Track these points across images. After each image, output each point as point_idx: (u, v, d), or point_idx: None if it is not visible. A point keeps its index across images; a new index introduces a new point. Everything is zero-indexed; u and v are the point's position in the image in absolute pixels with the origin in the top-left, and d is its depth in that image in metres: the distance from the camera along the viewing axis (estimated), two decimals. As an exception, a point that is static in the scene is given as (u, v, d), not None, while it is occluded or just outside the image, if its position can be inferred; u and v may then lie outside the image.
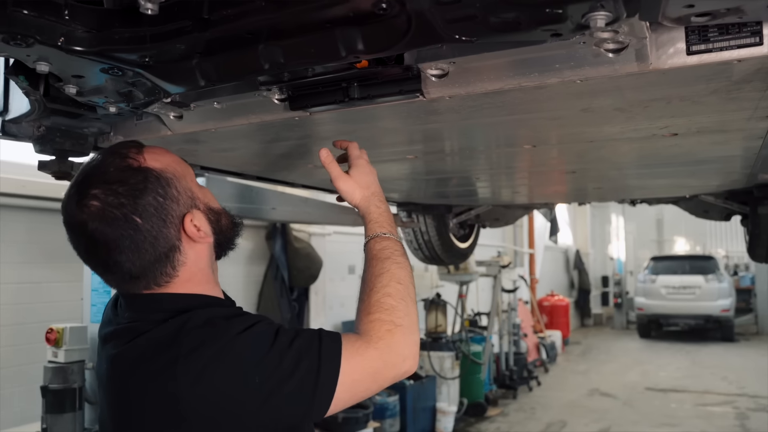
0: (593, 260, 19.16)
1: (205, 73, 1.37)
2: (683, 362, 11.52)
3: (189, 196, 1.24)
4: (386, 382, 1.20)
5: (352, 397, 1.16)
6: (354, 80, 1.52)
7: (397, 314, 1.21)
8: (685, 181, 3.33)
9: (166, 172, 1.21)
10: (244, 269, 6.20)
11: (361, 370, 1.15)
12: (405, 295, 1.25)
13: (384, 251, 1.33)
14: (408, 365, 1.20)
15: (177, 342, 1.10)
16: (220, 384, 1.07)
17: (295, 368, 1.09)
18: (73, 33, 1.28)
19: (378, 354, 1.16)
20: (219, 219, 1.30)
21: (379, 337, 1.17)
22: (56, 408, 3.08)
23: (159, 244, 1.17)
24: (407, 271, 1.31)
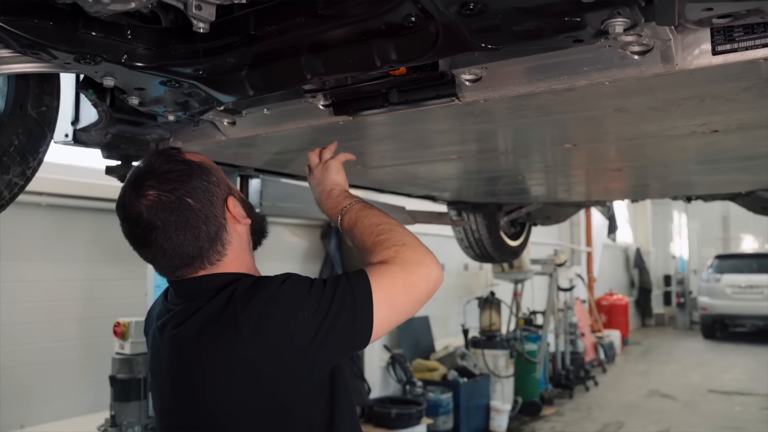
0: (654, 258, 18.66)
1: (253, 84, 1.48)
2: (749, 364, 11.13)
3: (226, 184, 1.40)
4: (421, 293, 1.28)
5: (394, 311, 1.25)
6: (393, 86, 1.60)
7: (395, 239, 1.32)
8: (739, 177, 3.27)
9: (205, 163, 1.39)
10: (300, 267, 6.36)
11: (390, 283, 1.25)
12: (390, 228, 1.35)
13: (351, 220, 1.44)
14: (432, 270, 1.28)
15: (231, 304, 1.23)
16: (276, 324, 1.20)
17: (332, 299, 1.21)
18: (135, 50, 1.42)
19: (399, 267, 1.27)
20: (251, 208, 1.45)
21: (391, 257, 1.29)
22: (123, 396, 3.28)
23: (210, 223, 1.32)
24: (378, 213, 1.41)
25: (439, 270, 1.30)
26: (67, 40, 1.32)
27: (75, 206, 4.40)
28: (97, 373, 4.23)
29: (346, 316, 1.21)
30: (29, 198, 3.99)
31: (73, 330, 4.34)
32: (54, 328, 4.23)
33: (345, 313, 1.21)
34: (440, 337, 7.97)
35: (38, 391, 4.09)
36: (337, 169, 1.61)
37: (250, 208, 1.44)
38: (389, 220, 1.39)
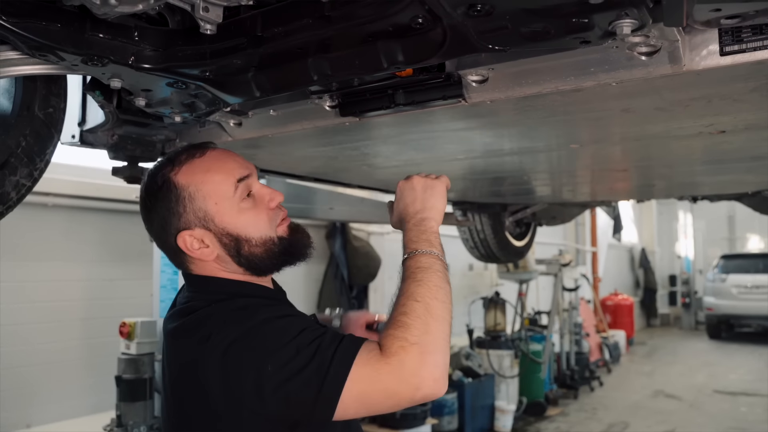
0: (660, 259, 18.61)
1: (260, 85, 1.48)
2: (755, 365, 11.08)
3: (199, 216, 1.29)
4: (403, 402, 1.12)
5: (363, 408, 1.14)
6: (399, 87, 1.60)
7: (414, 330, 1.12)
8: (745, 178, 3.27)
9: (185, 189, 1.30)
10: (304, 267, 6.36)
11: (369, 382, 1.10)
12: (423, 314, 1.15)
13: (407, 270, 1.26)
14: (427, 387, 1.10)
15: (212, 320, 1.21)
16: (240, 363, 1.13)
17: (306, 365, 1.10)
18: (142, 52, 1.42)
19: (389, 369, 1.10)
20: (238, 244, 1.31)
21: (392, 353, 1.11)
22: (129, 397, 3.29)
23: (167, 243, 1.33)
24: (428, 288, 1.20)
25: (434, 386, 1.10)
26: (74, 42, 1.32)
27: (81, 207, 4.41)
28: (102, 373, 4.25)
29: (308, 392, 1.10)
30: (36, 198, 4.00)
31: (79, 330, 4.35)
32: (60, 328, 4.24)
33: (309, 390, 1.10)
34: (445, 337, 7.95)
35: (44, 390, 4.11)
36: (441, 194, 1.41)
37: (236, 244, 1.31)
38: (427, 303, 1.17)
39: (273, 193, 1.37)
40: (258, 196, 1.35)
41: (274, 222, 1.36)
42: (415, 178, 1.44)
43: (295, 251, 1.39)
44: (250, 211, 1.32)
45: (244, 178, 1.33)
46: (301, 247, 1.40)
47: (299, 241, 1.40)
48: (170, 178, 1.30)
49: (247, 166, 1.37)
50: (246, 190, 1.33)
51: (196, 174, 1.30)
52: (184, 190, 1.29)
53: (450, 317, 1.20)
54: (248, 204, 1.33)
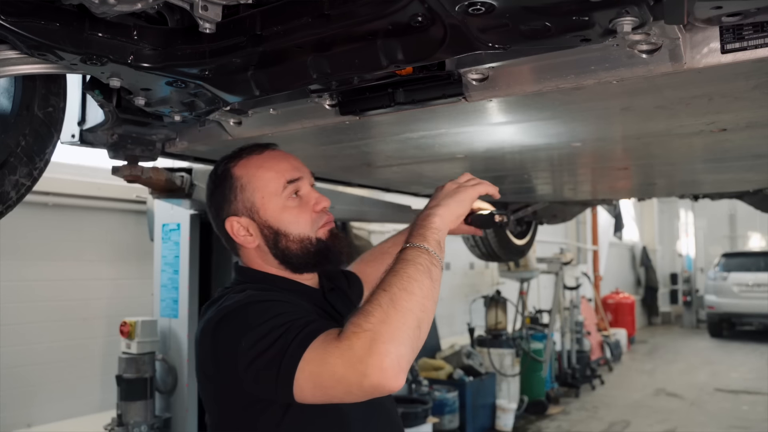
0: (661, 257, 18.59)
1: (259, 84, 1.48)
2: (757, 363, 11.07)
3: (247, 206, 1.44)
4: (353, 388, 1.09)
5: (318, 391, 1.13)
6: (399, 86, 1.60)
7: (370, 320, 1.11)
8: (747, 176, 3.26)
9: (239, 180, 1.45)
10: (305, 267, 6.36)
11: (319, 363, 1.10)
12: (385, 303, 1.14)
13: (392, 262, 1.27)
14: (374, 376, 1.06)
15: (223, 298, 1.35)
16: (222, 338, 1.25)
17: (271, 345, 1.15)
18: (141, 51, 1.42)
19: (339, 353, 1.09)
20: (277, 238, 1.42)
21: (344, 338, 1.10)
22: (129, 396, 3.30)
23: (220, 226, 1.48)
24: (402, 279, 1.19)
25: (381, 376, 1.06)
26: (73, 41, 1.32)
27: (82, 206, 4.41)
28: (103, 372, 4.25)
29: (271, 371, 1.14)
30: (36, 198, 4.00)
31: (80, 329, 4.35)
32: (61, 328, 4.24)
33: (271, 369, 1.14)
34: (446, 336, 7.96)
35: (45, 390, 4.11)
36: (462, 201, 1.43)
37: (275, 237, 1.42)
38: (393, 294, 1.15)
39: (320, 198, 1.46)
40: (305, 198, 1.45)
41: (316, 224, 1.44)
42: (450, 182, 1.50)
43: (329, 255, 1.45)
44: (293, 210, 1.43)
45: (294, 180, 1.44)
46: (336, 253, 1.46)
47: (335, 246, 1.46)
48: (229, 168, 1.47)
49: (300, 169, 1.49)
50: (293, 190, 1.44)
51: (250, 168, 1.45)
52: (237, 181, 1.44)
53: (421, 311, 1.16)
54: (294, 203, 1.44)
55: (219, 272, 3.74)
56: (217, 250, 3.75)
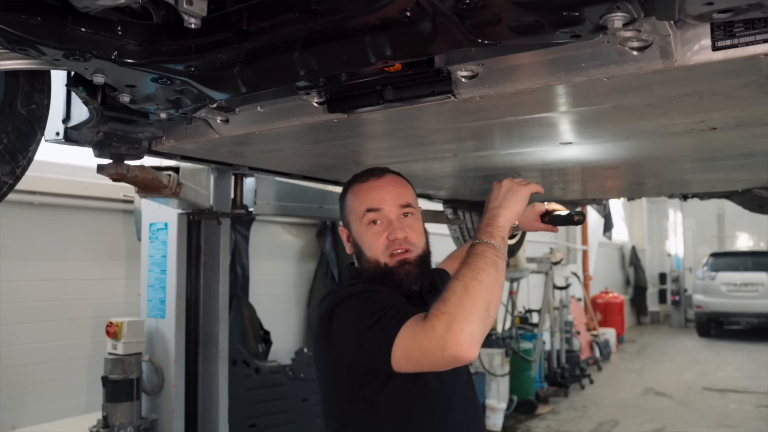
0: (650, 257, 18.67)
1: (246, 81, 1.46)
2: (744, 362, 11.13)
3: (347, 221, 1.72)
4: (437, 359, 1.35)
5: (410, 362, 1.38)
6: (388, 83, 1.58)
7: (448, 305, 1.35)
8: (736, 175, 3.27)
9: (346, 199, 1.72)
10: (295, 266, 6.34)
11: (411, 340, 1.36)
12: (459, 290, 1.37)
13: (465, 257, 1.48)
14: (452, 349, 1.31)
15: (339, 292, 1.61)
16: (341, 318, 1.52)
17: (375, 323, 1.42)
18: (126, 47, 1.39)
19: (424, 331, 1.34)
20: (359, 254, 1.68)
21: (428, 320, 1.35)
22: (115, 397, 3.25)
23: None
24: (473, 270, 1.42)
25: (457, 348, 1.31)
26: (55, 36, 1.29)
27: (68, 205, 4.36)
28: (90, 373, 4.21)
29: (373, 343, 1.41)
30: (22, 197, 3.95)
31: (66, 330, 4.30)
32: (47, 328, 4.19)
33: (374, 341, 1.41)
34: (436, 335, 7.93)
35: (30, 391, 4.06)
36: (521, 199, 1.61)
37: (358, 249, 1.68)
38: (466, 282, 1.39)
39: (396, 229, 1.63)
40: (384, 225, 1.64)
41: (387, 250, 1.63)
42: (505, 180, 1.66)
43: (393, 279, 1.63)
44: (371, 234, 1.64)
45: (373, 209, 1.64)
46: (399, 280, 1.63)
47: (396, 274, 1.63)
48: (348, 186, 1.74)
49: (385, 200, 1.65)
50: (371, 219, 1.65)
51: (352, 191, 1.71)
52: (346, 200, 1.72)
53: (489, 295, 1.39)
54: (375, 229, 1.65)
55: (207, 272, 3.70)
56: (206, 251, 3.71)
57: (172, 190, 2.75)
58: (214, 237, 3.64)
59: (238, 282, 5.45)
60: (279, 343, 5.74)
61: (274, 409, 5.07)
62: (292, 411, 5.21)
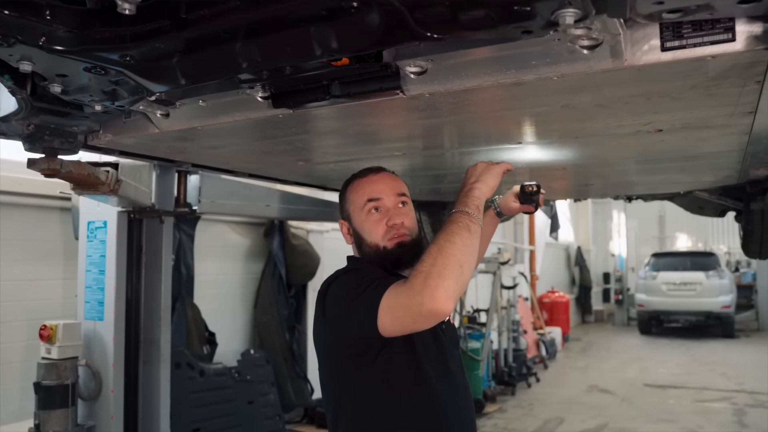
0: (594, 257, 19.10)
1: (185, 72, 1.39)
2: (683, 359, 11.48)
3: (346, 214, 1.82)
4: (416, 314, 1.43)
5: (394, 320, 1.47)
6: (335, 78, 1.53)
7: (424, 264, 1.45)
8: (679, 177, 3.33)
9: (346, 194, 1.83)
10: (242, 266, 6.22)
11: (393, 298, 1.46)
12: (435, 252, 1.47)
13: (446, 223, 1.58)
14: (428, 302, 1.40)
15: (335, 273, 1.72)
16: (332, 293, 1.64)
17: (363, 292, 1.53)
18: (54, 33, 1.30)
19: (404, 289, 1.45)
20: (360, 242, 1.79)
21: (408, 279, 1.46)
22: (48, 404, 3.10)
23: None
24: (447, 233, 1.52)
25: (432, 302, 1.40)
26: (-27, 19, 1.20)
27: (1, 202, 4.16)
28: (23, 379, 4.01)
29: (361, 308, 1.52)
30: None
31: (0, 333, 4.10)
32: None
33: (361, 307, 1.52)
34: (385, 335, 7.91)
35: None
36: (493, 174, 1.71)
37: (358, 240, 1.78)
38: (442, 245, 1.49)
39: (393, 215, 1.74)
40: (383, 214, 1.75)
41: (387, 235, 1.74)
42: (479, 163, 1.77)
43: (387, 261, 1.74)
44: (371, 222, 1.76)
45: (373, 199, 1.76)
46: (395, 261, 1.73)
47: (396, 255, 1.73)
48: (347, 183, 1.85)
49: (383, 191, 1.77)
50: (372, 207, 1.76)
51: (353, 186, 1.82)
52: (346, 194, 1.83)
53: (462, 255, 1.48)
54: (375, 217, 1.75)
55: (149, 273, 3.57)
56: (148, 250, 3.58)
57: (110, 187, 2.63)
58: (156, 236, 3.52)
59: (183, 282, 5.32)
60: (225, 344, 5.63)
61: (220, 413, 4.97)
62: (239, 414, 5.11)
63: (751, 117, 1.79)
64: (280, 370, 5.93)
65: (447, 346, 1.77)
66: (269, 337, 6.11)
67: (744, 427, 7.06)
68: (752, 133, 2.01)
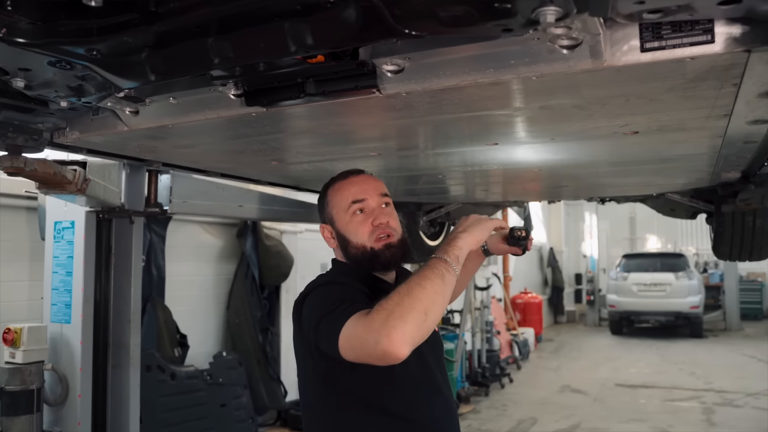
0: (567, 258, 19.29)
1: (155, 68, 1.34)
2: (653, 358, 11.64)
3: (329, 217, 1.81)
4: (370, 350, 1.40)
5: (352, 349, 1.45)
6: (310, 76, 1.50)
7: (390, 302, 1.42)
8: (652, 179, 3.35)
9: (327, 197, 1.83)
10: (214, 267, 6.14)
11: (352, 328, 1.44)
12: (403, 293, 1.44)
13: (419, 268, 1.56)
14: (384, 343, 1.36)
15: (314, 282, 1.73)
16: (307, 306, 1.65)
17: (330, 312, 1.52)
18: (17, 24, 1.24)
19: (364, 322, 1.42)
20: (345, 244, 1.78)
21: (371, 313, 1.43)
22: (13, 410, 3.01)
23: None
24: (420, 277, 1.49)
25: (388, 344, 1.36)
26: (-71, 8, 1.14)
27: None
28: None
29: (327, 329, 1.51)
30: None
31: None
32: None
33: (327, 328, 1.51)
34: (359, 337, 7.88)
35: None
36: (482, 228, 1.69)
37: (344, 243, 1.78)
38: (411, 287, 1.46)
39: (379, 215, 1.75)
40: (368, 214, 1.76)
41: (373, 235, 1.74)
42: (473, 215, 1.77)
43: (379, 260, 1.75)
44: (355, 223, 1.76)
45: (358, 200, 1.76)
46: (384, 262, 1.75)
47: (383, 256, 1.74)
48: (326, 187, 1.86)
49: (367, 192, 1.78)
50: (357, 208, 1.76)
51: (334, 189, 1.82)
52: (326, 197, 1.84)
53: (430, 302, 1.44)
54: (359, 218, 1.76)
55: (118, 274, 3.49)
56: (117, 251, 3.50)
57: (77, 186, 2.56)
58: (126, 237, 3.43)
59: (154, 283, 5.24)
60: (196, 347, 5.55)
61: (192, 416, 4.89)
62: (211, 417, 5.04)
63: (726, 120, 1.80)
64: (253, 373, 5.86)
65: (431, 364, 1.76)
66: (242, 339, 6.04)
67: (713, 425, 7.16)
68: (726, 136, 2.02)
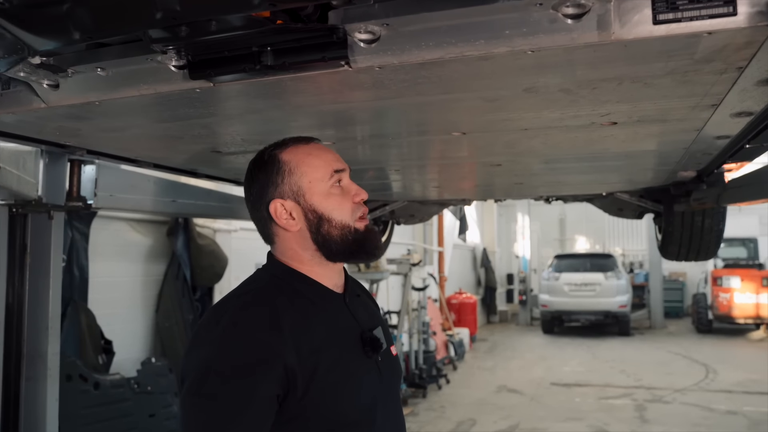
0: (499, 258, 19.55)
1: (80, 24, 1.10)
2: (585, 357, 11.87)
3: (293, 189, 1.42)
4: None
5: None
6: (268, 44, 1.28)
7: None
8: (608, 177, 3.28)
9: (287, 164, 1.42)
10: (142, 268, 5.78)
11: None
12: None
13: None
14: None
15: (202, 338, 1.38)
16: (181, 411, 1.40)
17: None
18: None
19: None
20: (320, 222, 1.43)
21: None
22: None
23: (261, 211, 1.45)
24: None
25: None
26: None
27: None
28: None
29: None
30: None
31: None
32: None
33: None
34: (295, 339, 7.64)
35: None
36: None
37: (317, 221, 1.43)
38: None
39: (360, 190, 1.48)
40: (346, 189, 1.46)
41: (355, 214, 1.46)
42: None
43: (365, 247, 1.47)
44: (337, 197, 1.44)
45: (339, 170, 1.45)
46: (371, 246, 1.49)
47: (371, 240, 1.49)
48: (275, 154, 1.44)
49: (343, 163, 1.48)
50: (338, 179, 1.45)
51: (299, 155, 1.44)
52: (285, 165, 1.43)
53: None
54: (337, 191, 1.44)
55: (35, 276, 3.15)
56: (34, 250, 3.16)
57: (-15, 175, 2.24)
58: (43, 234, 3.10)
59: (75, 285, 4.87)
60: (123, 353, 5.20)
61: (117, 428, 4.56)
62: (139, 429, 4.71)
63: (711, 111, 1.69)
64: (183, 379, 5.55)
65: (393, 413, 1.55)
66: (172, 343, 5.71)
67: (646, 422, 7.30)
68: (702, 129, 1.93)
